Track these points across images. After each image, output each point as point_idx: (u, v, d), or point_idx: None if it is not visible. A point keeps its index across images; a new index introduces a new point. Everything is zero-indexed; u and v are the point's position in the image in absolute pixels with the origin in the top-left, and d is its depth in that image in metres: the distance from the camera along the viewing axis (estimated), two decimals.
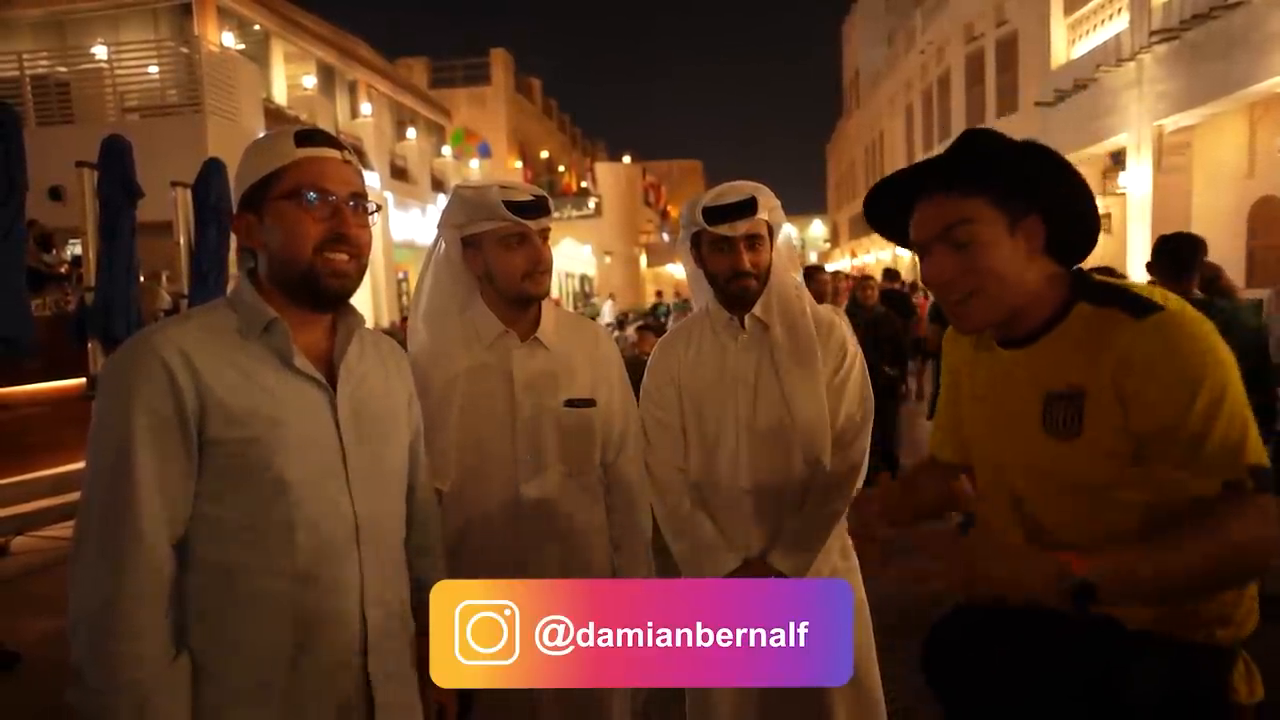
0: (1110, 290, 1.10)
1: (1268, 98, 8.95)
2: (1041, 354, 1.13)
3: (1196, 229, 10.59)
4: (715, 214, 1.73)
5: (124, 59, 11.22)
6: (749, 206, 1.72)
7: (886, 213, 1.26)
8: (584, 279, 28.49)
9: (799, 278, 1.89)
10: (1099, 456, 1.05)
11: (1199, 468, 0.98)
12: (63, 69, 11.42)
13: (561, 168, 29.66)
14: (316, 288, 1.14)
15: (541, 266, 1.63)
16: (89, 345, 5.21)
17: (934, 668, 1.27)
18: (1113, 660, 1.04)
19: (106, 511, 1.02)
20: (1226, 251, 10.27)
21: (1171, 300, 1.05)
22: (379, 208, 1.23)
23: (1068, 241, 1.16)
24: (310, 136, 1.16)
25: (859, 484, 1.81)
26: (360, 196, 1.18)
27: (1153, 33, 9.78)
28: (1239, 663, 1.07)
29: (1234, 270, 9.63)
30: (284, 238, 1.13)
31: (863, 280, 6.35)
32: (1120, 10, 11.01)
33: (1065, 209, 1.15)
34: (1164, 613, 1.04)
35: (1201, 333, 1.01)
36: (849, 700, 1.78)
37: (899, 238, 1.28)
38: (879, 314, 5.79)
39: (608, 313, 17.40)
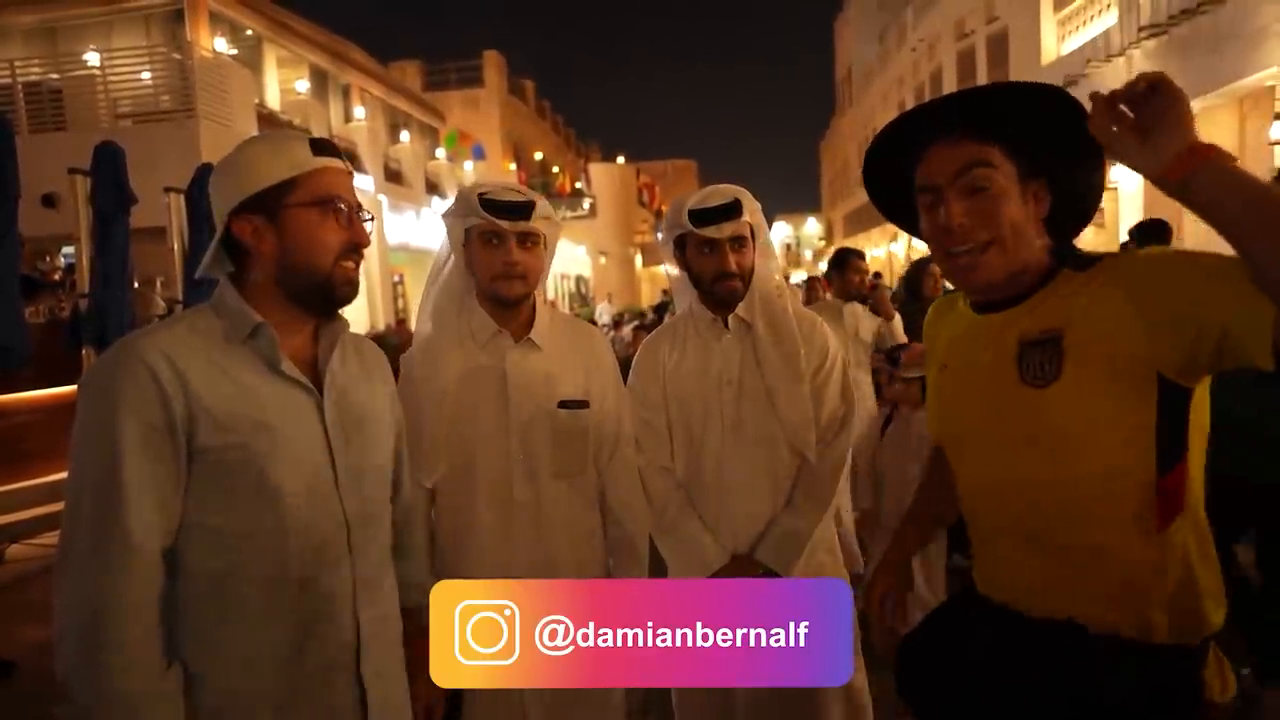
0: (1094, 255, 1.10)
1: (1256, 91, 8.98)
2: (1022, 312, 1.09)
3: (1188, 222, 10.64)
4: (701, 216, 1.74)
5: (116, 65, 11.16)
6: (734, 209, 1.74)
7: (886, 180, 1.23)
8: (579, 280, 28.48)
9: (780, 278, 1.91)
10: (1079, 398, 1.00)
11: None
12: (55, 76, 11.38)
13: (556, 169, 29.62)
14: (331, 296, 1.16)
15: (513, 270, 1.62)
16: (83, 352, 5.20)
17: (906, 677, 1.25)
18: (1083, 666, 1.02)
19: (95, 521, 1.01)
20: (1218, 243, 10.31)
21: None
22: (373, 217, 1.25)
23: (1064, 217, 1.13)
24: (323, 146, 1.17)
25: (842, 479, 1.84)
26: (361, 206, 1.20)
27: (1141, 28, 9.82)
28: (1210, 659, 1.04)
29: None
30: (306, 246, 1.13)
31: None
32: (1109, 6, 11.06)
33: (1073, 180, 1.12)
34: (1129, 616, 1.01)
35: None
36: (838, 699, 1.80)
37: (894, 209, 1.25)
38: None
39: (604, 313, 17.35)
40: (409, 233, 17.47)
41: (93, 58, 11.45)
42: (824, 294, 5.16)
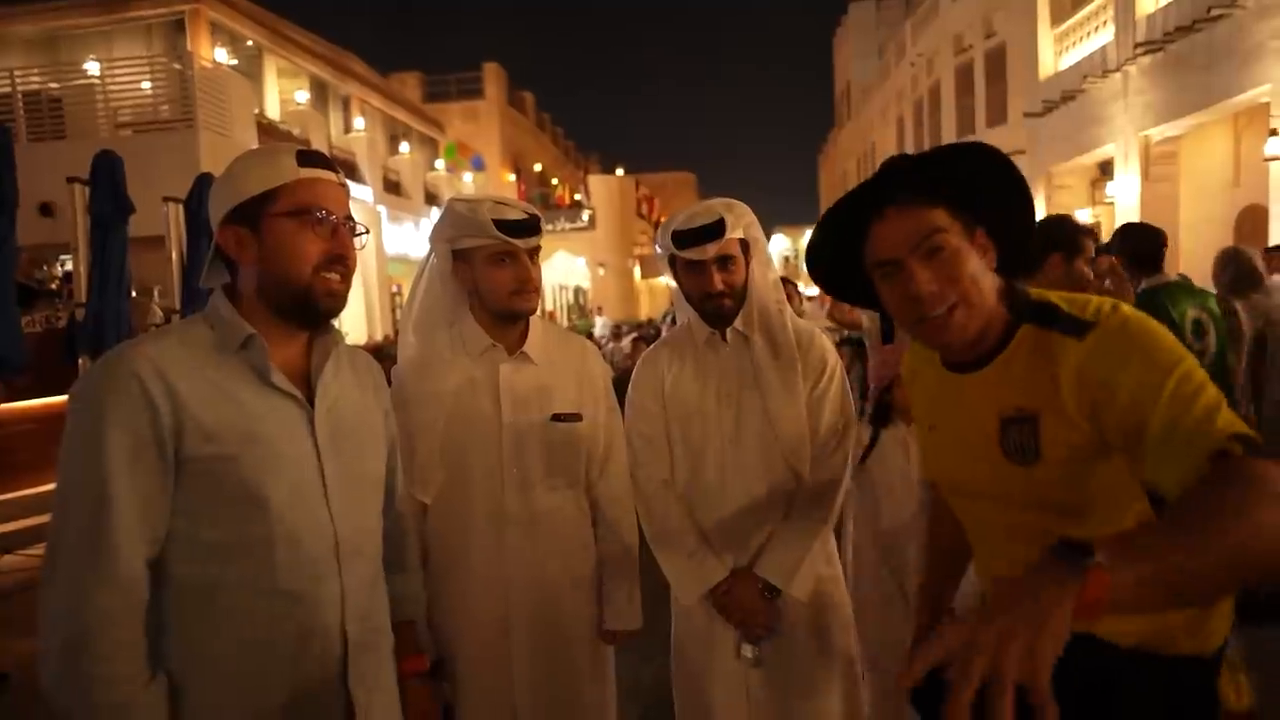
0: (1048, 310, 1.08)
1: (1252, 107, 9.05)
2: (992, 378, 1.11)
3: (1184, 237, 10.72)
4: (684, 238, 1.74)
5: (117, 75, 11.22)
6: (717, 229, 1.72)
7: (830, 262, 1.23)
8: (578, 291, 28.51)
9: (781, 294, 1.90)
10: (1063, 476, 1.03)
11: (1181, 447, 0.89)
12: (55, 85, 11.42)
13: (555, 181, 29.72)
14: (311, 307, 1.15)
15: (529, 285, 1.64)
16: (80, 361, 5.19)
17: (918, 688, 1.25)
18: (1099, 679, 1.02)
19: (81, 531, 1.01)
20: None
21: (1105, 307, 1.04)
22: (367, 230, 1.24)
23: (1010, 261, 1.15)
24: (311, 157, 1.17)
25: (841, 493, 1.83)
26: (351, 219, 1.19)
27: (1138, 44, 9.91)
28: (1224, 670, 1.05)
29: None
30: (285, 256, 1.12)
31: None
32: (1106, 23, 11.15)
33: (1009, 225, 1.13)
34: (1146, 628, 1.02)
35: (1147, 329, 0.99)
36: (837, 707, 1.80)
37: (838, 288, 1.27)
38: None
39: (603, 325, 17.33)
40: (408, 243, 17.50)
41: (93, 67, 11.49)
42: (801, 303, 4.65)
